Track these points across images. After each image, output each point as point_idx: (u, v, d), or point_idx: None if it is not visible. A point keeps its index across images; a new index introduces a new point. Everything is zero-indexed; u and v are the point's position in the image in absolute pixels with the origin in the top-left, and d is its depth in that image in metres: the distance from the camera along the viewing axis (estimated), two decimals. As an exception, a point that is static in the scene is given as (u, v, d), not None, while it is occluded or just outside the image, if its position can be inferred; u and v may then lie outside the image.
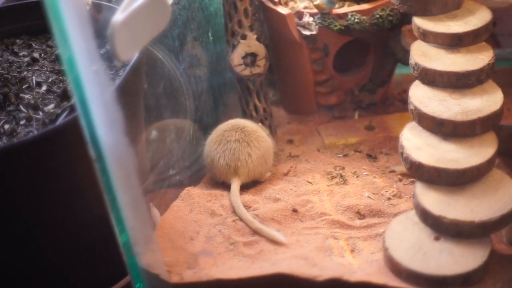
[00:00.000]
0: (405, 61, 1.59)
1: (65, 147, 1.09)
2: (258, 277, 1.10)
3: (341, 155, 1.49)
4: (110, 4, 1.24)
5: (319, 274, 1.09)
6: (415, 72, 1.24)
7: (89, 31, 0.89)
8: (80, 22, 0.87)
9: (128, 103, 1.14)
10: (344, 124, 1.61)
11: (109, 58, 1.21)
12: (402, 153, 1.17)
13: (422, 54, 1.24)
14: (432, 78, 1.21)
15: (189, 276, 1.12)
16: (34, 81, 1.25)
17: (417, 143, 1.17)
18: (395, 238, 1.12)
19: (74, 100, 0.95)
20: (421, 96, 1.20)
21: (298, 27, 1.53)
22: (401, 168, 1.37)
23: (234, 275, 1.11)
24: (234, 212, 1.29)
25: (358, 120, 1.63)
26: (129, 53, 1.01)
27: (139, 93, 1.24)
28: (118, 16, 0.97)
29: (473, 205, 1.09)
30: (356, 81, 1.65)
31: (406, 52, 1.55)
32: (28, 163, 1.07)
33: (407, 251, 1.08)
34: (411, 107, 1.20)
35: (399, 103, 1.69)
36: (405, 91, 1.70)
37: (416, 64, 1.23)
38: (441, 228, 1.09)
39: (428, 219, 1.10)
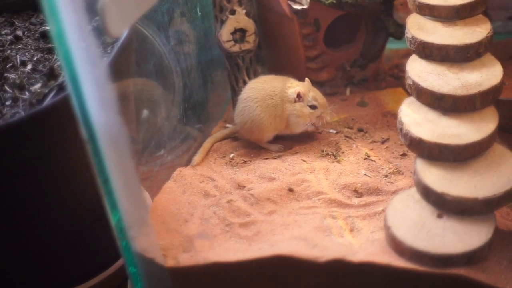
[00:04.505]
0: (397, 36, 1.57)
1: (54, 128, 1.06)
2: (257, 259, 1.07)
3: (334, 132, 1.46)
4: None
5: (321, 255, 1.06)
6: (412, 46, 1.21)
7: (80, 4, 0.85)
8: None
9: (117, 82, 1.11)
10: (336, 100, 1.57)
11: (97, 35, 1.17)
12: (401, 129, 1.14)
13: (419, 28, 1.21)
14: (430, 52, 1.18)
15: (186, 259, 1.09)
16: (18, 60, 1.21)
17: (416, 119, 1.14)
18: (397, 216, 1.09)
19: (64, 77, 0.91)
20: (419, 70, 1.17)
21: (289, 1, 1.50)
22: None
23: (232, 257, 1.08)
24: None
25: (350, 96, 1.60)
26: (120, 29, 0.96)
27: (129, 71, 1.20)
28: (109, -10, 0.92)
29: (476, 181, 1.07)
30: (347, 56, 1.62)
31: (398, 26, 1.53)
32: (15, 146, 1.03)
33: (410, 229, 1.06)
34: (409, 81, 1.17)
35: (390, 79, 1.67)
36: (396, 66, 1.69)
37: (413, 37, 1.20)
38: (444, 205, 1.06)
39: (431, 196, 1.07)
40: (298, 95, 1.39)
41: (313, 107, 1.39)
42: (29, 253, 1.17)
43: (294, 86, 1.41)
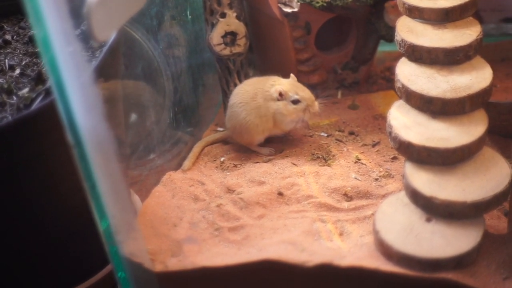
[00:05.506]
0: (388, 38, 1.56)
1: (41, 133, 1.05)
2: (245, 264, 1.07)
3: (325, 135, 1.46)
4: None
5: (309, 259, 1.05)
6: (401, 48, 1.20)
7: (64, 10, 0.85)
8: (55, 0, 0.83)
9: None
10: (327, 103, 1.57)
11: (85, 39, 1.16)
12: (390, 133, 1.14)
13: (409, 30, 1.21)
14: (419, 55, 1.18)
15: (174, 264, 1.08)
16: (6, 64, 1.20)
17: (405, 122, 1.13)
18: (385, 220, 1.08)
19: (50, 83, 0.91)
20: (408, 73, 1.17)
21: (279, 4, 1.49)
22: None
23: (221, 262, 1.08)
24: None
25: (341, 99, 1.60)
26: (107, 33, 0.96)
27: (117, 75, 1.20)
28: (94, -6, 0.92)
29: (465, 185, 1.07)
30: (339, 59, 1.62)
31: (389, 29, 1.53)
32: (2, 150, 1.02)
33: (399, 233, 1.05)
34: (398, 85, 1.17)
35: (382, 81, 1.66)
36: (388, 69, 1.68)
37: (402, 40, 1.19)
38: (433, 209, 1.06)
39: (419, 200, 1.07)
40: (280, 94, 1.38)
41: (295, 101, 1.39)
42: (14, 258, 1.16)
43: (276, 84, 1.40)
